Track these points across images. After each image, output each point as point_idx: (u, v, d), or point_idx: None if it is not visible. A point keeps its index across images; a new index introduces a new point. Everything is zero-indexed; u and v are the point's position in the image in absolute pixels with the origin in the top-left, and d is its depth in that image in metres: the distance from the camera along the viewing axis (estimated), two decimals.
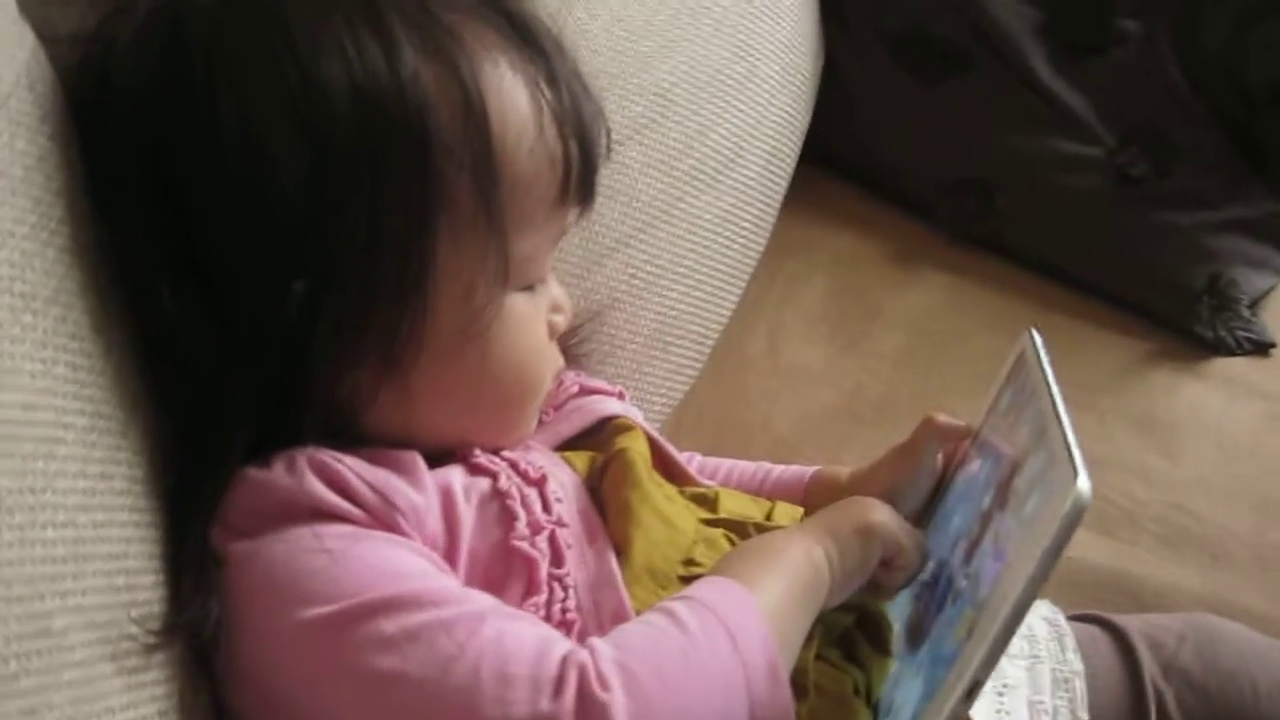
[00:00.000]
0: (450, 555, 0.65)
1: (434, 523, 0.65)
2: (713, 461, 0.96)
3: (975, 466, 0.79)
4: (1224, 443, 1.17)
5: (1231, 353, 1.26)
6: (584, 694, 0.54)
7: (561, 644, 0.58)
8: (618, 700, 0.54)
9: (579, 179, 0.69)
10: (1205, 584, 1.04)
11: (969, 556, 0.68)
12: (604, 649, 0.57)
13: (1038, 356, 0.74)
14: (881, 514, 0.71)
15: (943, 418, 0.82)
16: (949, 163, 1.39)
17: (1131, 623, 0.87)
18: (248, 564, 0.61)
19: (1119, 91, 1.35)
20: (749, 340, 1.27)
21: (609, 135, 0.74)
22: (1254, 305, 1.29)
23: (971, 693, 0.56)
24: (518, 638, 0.57)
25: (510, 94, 0.66)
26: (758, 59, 1.20)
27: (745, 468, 0.94)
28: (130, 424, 0.61)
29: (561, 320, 0.76)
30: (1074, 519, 0.54)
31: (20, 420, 0.54)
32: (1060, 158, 1.34)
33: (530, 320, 0.71)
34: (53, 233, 0.59)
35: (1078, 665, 0.82)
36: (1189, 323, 1.27)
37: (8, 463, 0.52)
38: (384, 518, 0.62)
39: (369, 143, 0.61)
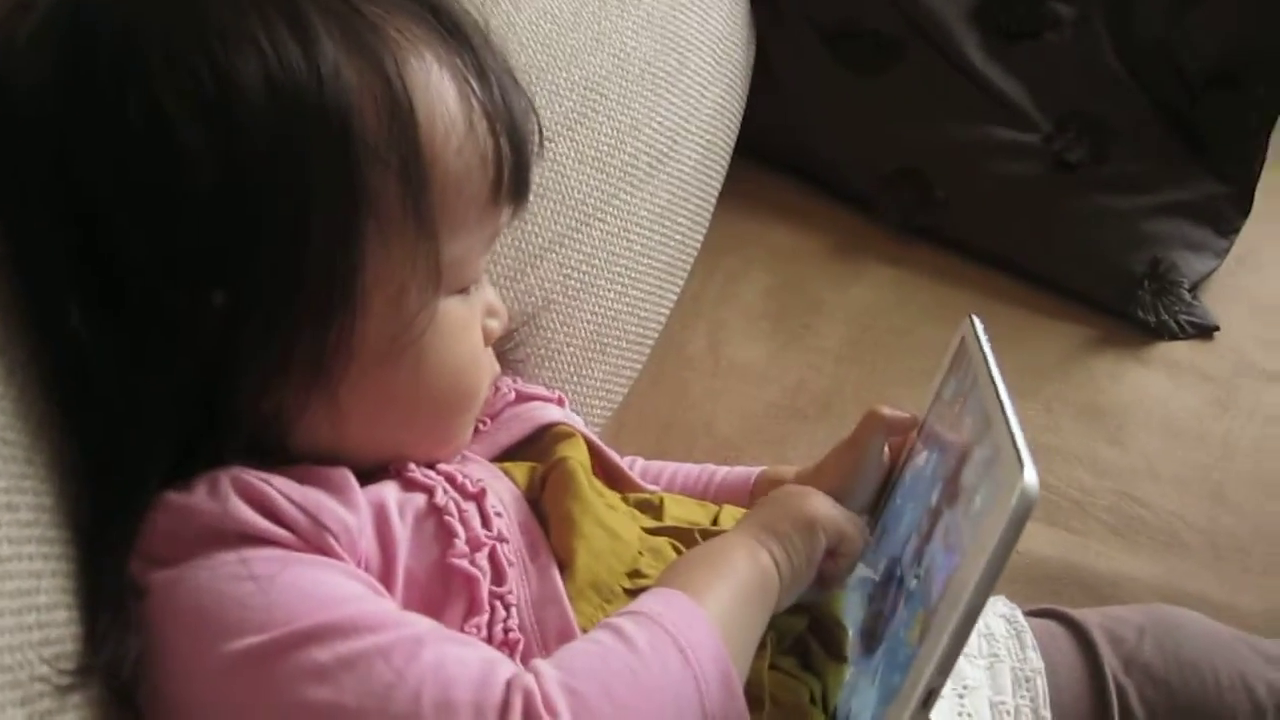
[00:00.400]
0: (386, 577, 0.62)
1: (367, 543, 0.62)
2: (656, 465, 0.93)
3: (922, 459, 0.77)
4: (1171, 428, 1.16)
5: (1174, 337, 1.26)
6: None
7: (505, 667, 0.55)
8: None
9: (512, 177, 0.66)
10: (1160, 573, 1.03)
11: (919, 555, 0.66)
12: (549, 671, 0.54)
13: (979, 343, 0.72)
14: (819, 503, 0.70)
15: (887, 410, 0.80)
16: (886, 154, 1.37)
17: (1090, 617, 0.85)
18: (170, 594, 0.57)
19: (1054, 77, 1.35)
20: (688, 340, 1.24)
21: (541, 131, 0.71)
22: (1194, 289, 1.29)
23: (928, 701, 0.54)
24: (460, 662, 0.54)
25: (438, 89, 0.63)
26: (689, 51, 1.17)
27: (690, 471, 0.92)
28: (35, 449, 0.57)
29: (497, 325, 0.72)
30: (1022, 514, 0.52)
31: None
32: (997, 145, 1.34)
33: (465, 326, 0.68)
34: None
35: (1038, 663, 0.80)
36: (1131, 308, 1.27)
37: None
38: (314, 539, 0.59)
39: (288, 143, 0.58)
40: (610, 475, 0.80)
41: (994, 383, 0.64)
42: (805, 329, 1.26)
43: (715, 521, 0.78)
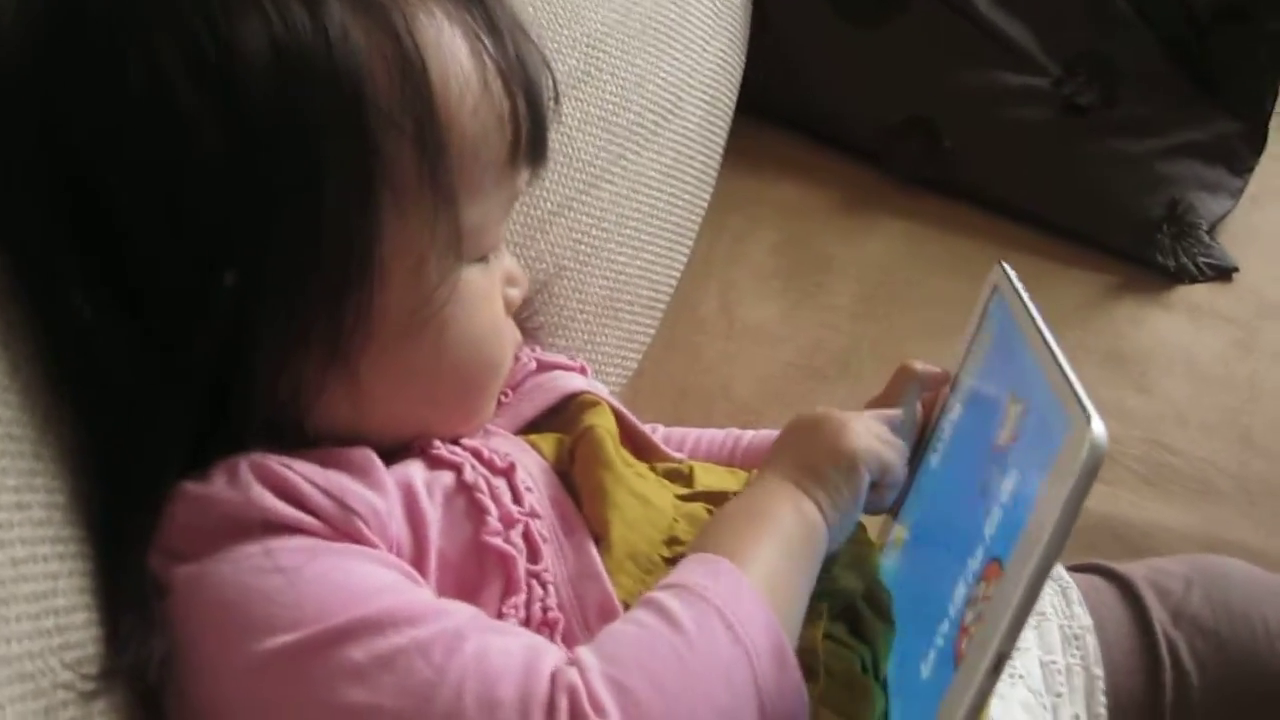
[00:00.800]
0: (418, 560, 0.59)
1: (397, 526, 0.59)
2: (678, 432, 0.90)
3: (960, 413, 0.74)
4: (1196, 373, 1.14)
5: (1194, 280, 1.24)
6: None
7: (549, 657, 0.53)
8: None
9: (529, 137, 0.63)
10: (1193, 521, 1.01)
11: (987, 508, 0.63)
12: (593, 663, 0.52)
13: (1015, 291, 0.69)
14: (858, 433, 0.67)
15: (919, 365, 0.78)
16: (891, 104, 1.34)
17: (1136, 570, 0.83)
18: (194, 590, 0.54)
19: (1059, 19, 1.32)
20: (700, 302, 1.21)
21: (556, 87, 0.67)
22: (1211, 230, 1.26)
23: (998, 666, 0.51)
24: (503, 654, 0.52)
25: (450, 48, 0.59)
26: (689, 5, 1.15)
27: (713, 436, 0.89)
28: (44, 444, 0.54)
29: (517, 293, 0.69)
30: (1092, 468, 0.49)
31: None
32: (1005, 91, 1.31)
33: (486, 295, 0.65)
34: None
35: (1086, 620, 0.78)
36: (1149, 252, 1.24)
37: None
38: (342, 525, 0.56)
39: (296, 110, 0.54)
40: (637, 444, 0.77)
41: (1040, 331, 0.62)
42: (817, 286, 1.23)
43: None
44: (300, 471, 0.56)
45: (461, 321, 0.63)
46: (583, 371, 0.81)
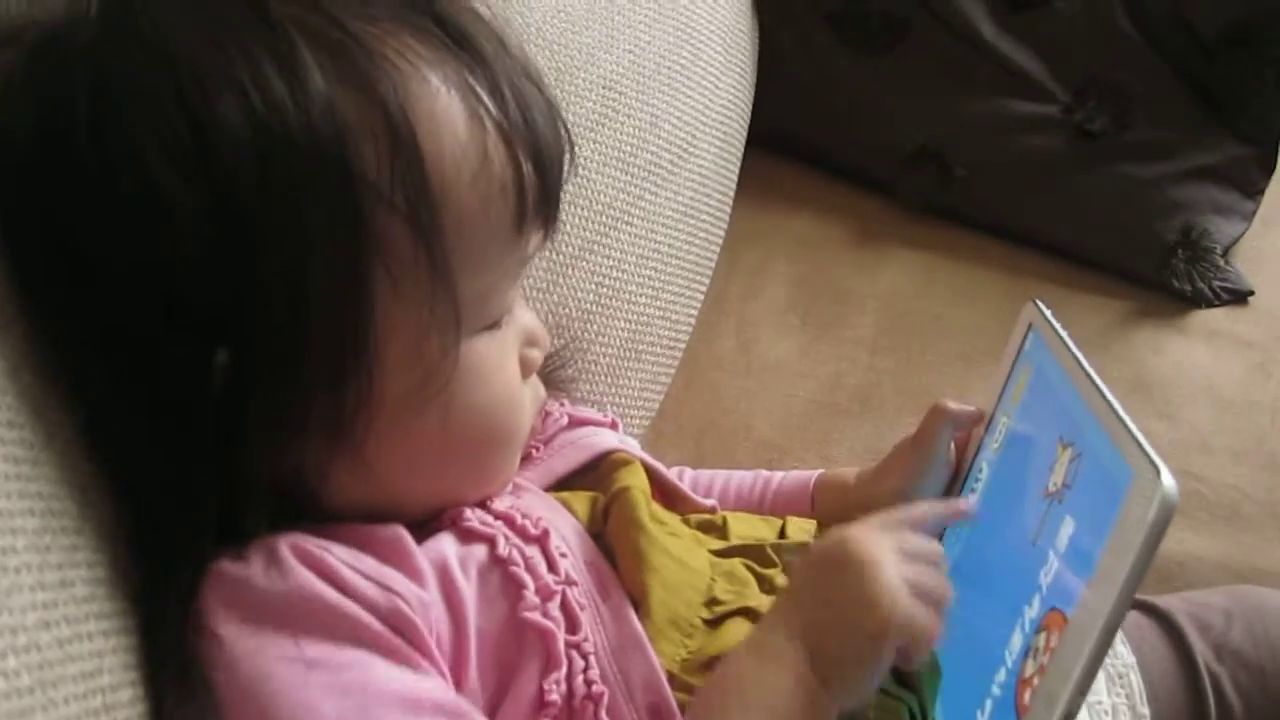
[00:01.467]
0: (458, 643, 0.58)
1: (438, 613, 0.58)
2: (705, 475, 0.90)
3: (1000, 454, 0.73)
4: (1218, 398, 1.14)
5: (1210, 304, 1.23)
6: None
7: None
8: None
9: (537, 200, 0.60)
10: (1225, 549, 1.00)
11: (1035, 557, 0.62)
12: None
13: (1053, 329, 0.69)
14: (888, 589, 0.56)
15: (953, 403, 0.77)
16: (901, 135, 1.34)
17: (1175, 604, 0.82)
18: (231, 674, 0.53)
19: (1067, 45, 1.31)
20: (717, 340, 1.21)
21: (570, 141, 0.65)
22: (1225, 253, 1.26)
23: None
24: None
25: (446, 117, 0.56)
26: (700, 43, 1.14)
27: (743, 479, 0.88)
28: (84, 519, 0.54)
29: (537, 354, 0.67)
30: (1163, 524, 0.49)
31: None
32: (1015, 119, 1.30)
33: (497, 364, 0.63)
34: None
35: (1129, 657, 0.77)
36: (1165, 277, 1.24)
37: None
38: (388, 615, 0.55)
39: (279, 192, 0.52)
40: (669, 497, 0.76)
41: (1087, 374, 0.61)
42: (835, 320, 1.23)
43: (782, 534, 0.74)
44: (339, 555, 0.56)
45: (469, 395, 0.60)
46: (614, 426, 0.80)
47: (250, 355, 0.54)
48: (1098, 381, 0.60)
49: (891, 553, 0.58)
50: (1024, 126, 1.30)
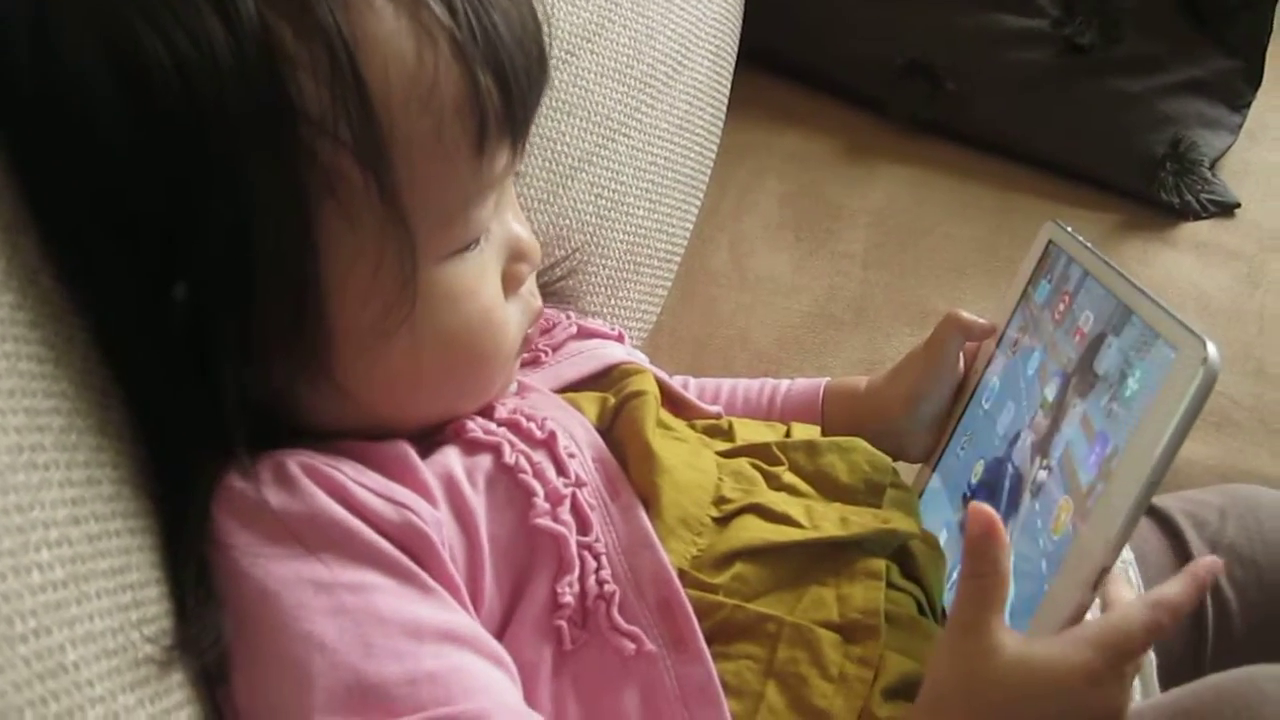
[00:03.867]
0: (471, 556, 0.58)
1: (449, 528, 0.58)
2: (711, 384, 0.90)
3: (1008, 362, 0.75)
4: (1207, 308, 1.15)
5: (1198, 216, 1.24)
6: None
7: None
8: None
9: (500, 118, 0.56)
10: (1215, 454, 1.02)
11: (1041, 448, 0.64)
12: None
13: (1079, 244, 0.72)
14: None
15: (965, 314, 0.78)
16: (891, 49, 1.34)
17: (1170, 502, 0.84)
18: (248, 595, 0.54)
19: None
20: (711, 254, 1.21)
21: (547, 45, 0.60)
22: (1213, 166, 1.27)
23: (1098, 581, 0.53)
24: None
25: (390, 37, 0.53)
26: None
27: (749, 387, 0.89)
28: (106, 419, 0.54)
29: (525, 268, 0.65)
30: (1209, 383, 0.53)
31: None
32: (1005, 33, 1.30)
33: (471, 287, 0.60)
34: None
35: (1128, 554, 0.79)
36: (1153, 190, 1.24)
37: None
38: (400, 533, 0.55)
39: (211, 119, 0.50)
40: (675, 406, 0.76)
41: (1121, 275, 0.65)
42: (827, 235, 1.23)
43: (788, 435, 0.75)
44: (350, 475, 0.56)
45: (439, 320, 0.59)
46: (620, 339, 0.81)
47: (204, 287, 0.53)
48: (1130, 277, 0.64)
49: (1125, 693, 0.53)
50: (1013, 41, 1.30)
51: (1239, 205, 1.25)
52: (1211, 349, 0.53)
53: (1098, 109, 1.27)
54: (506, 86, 0.56)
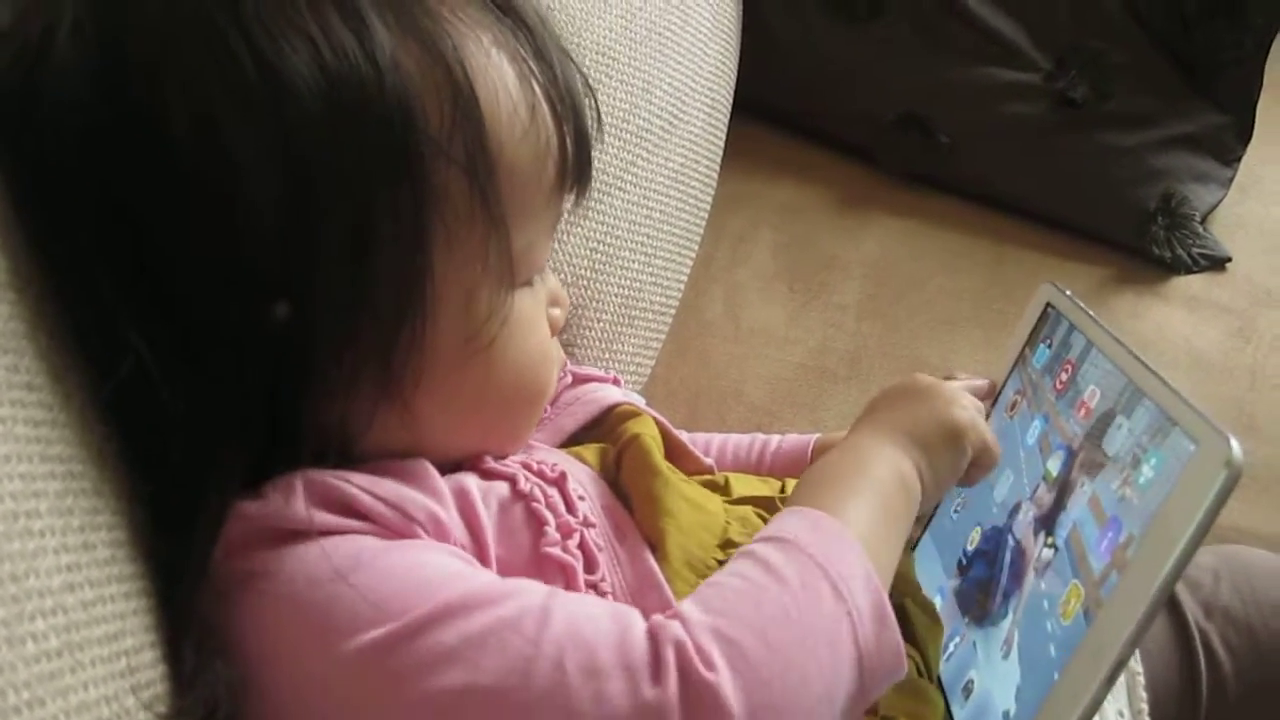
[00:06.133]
0: (480, 560, 0.58)
1: (458, 533, 0.58)
2: (701, 438, 0.90)
3: (1005, 425, 0.75)
4: (1198, 363, 1.15)
5: (1189, 271, 1.25)
6: (687, 676, 0.48)
7: (636, 617, 0.52)
8: (725, 680, 0.48)
9: (576, 160, 0.62)
10: None
11: (1045, 525, 0.64)
12: (698, 617, 0.51)
13: (1079, 310, 0.71)
14: (964, 407, 0.67)
15: (962, 376, 0.78)
16: (884, 102, 1.35)
17: None
18: (262, 603, 0.53)
19: (1049, 14, 1.32)
20: (705, 306, 1.21)
21: (598, 109, 0.66)
22: (1204, 221, 1.28)
23: (1113, 675, 0.52)
24: (592, 620, 0.51)
25: (499, 74, 0.58)
26: (689, 8, 1.14)
27: (739, 442, 0.89)
28: (103, 481, 0.53)
29: (560, 314, 0.69)
30: (1230, 486, 0.52)
31: None
32: (997, 86, 1.31)
33: (534, 319, 0.64)
34: None
35: None
36: (1145, 244, 1.25)
37: None
38: (402, 530, 0.55)
39: (347, 141, 0.53)
40: (674, 453, 0.76)
41: (1127, 350, 0.64)
42: (821, 286, 1.23)
43: (782, 492, 0.75)
44: (357, 484, 0.56)
45: (513, 348, 0.62)
46: (616, 383, 0.81)
47: (309, 306, 0.54)
48: (1139, 355, 0.63)
49: (965, 395, 0.69)
50: (1006, 94, 1.31)
51: (1230, 259, 1.26)
52: (1235, 448, 0.52)
53: (1090, 163, 1.28)
54: (580, 135, 0.62)
